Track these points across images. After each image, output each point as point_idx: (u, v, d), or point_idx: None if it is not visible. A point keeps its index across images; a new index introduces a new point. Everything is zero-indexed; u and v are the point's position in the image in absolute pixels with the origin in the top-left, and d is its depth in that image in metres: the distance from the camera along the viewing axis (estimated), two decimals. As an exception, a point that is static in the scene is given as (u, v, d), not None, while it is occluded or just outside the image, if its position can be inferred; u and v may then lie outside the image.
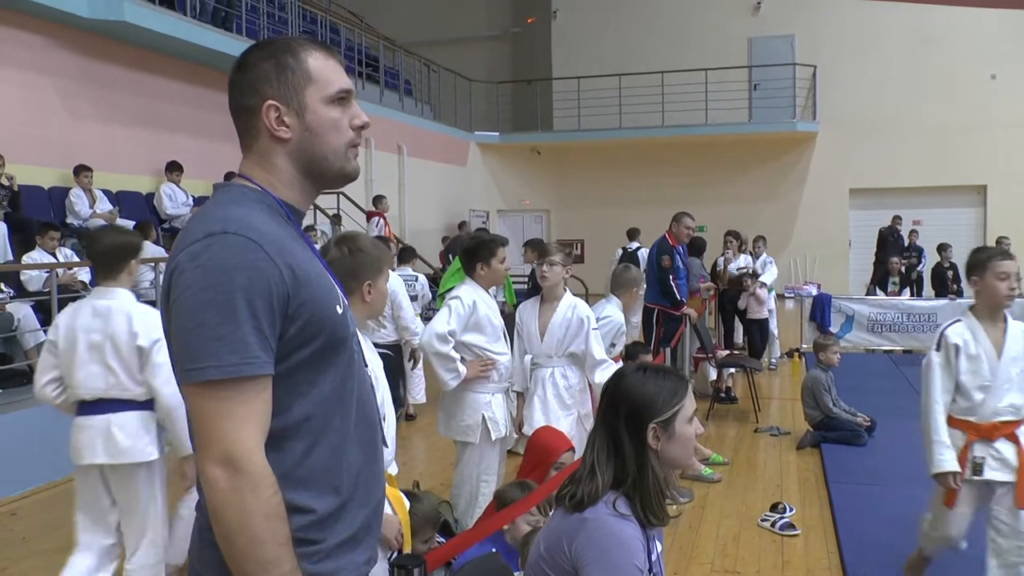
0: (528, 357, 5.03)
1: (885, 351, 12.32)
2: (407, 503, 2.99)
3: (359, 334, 2.87)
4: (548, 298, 5.01)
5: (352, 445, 1.67)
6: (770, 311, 11.17)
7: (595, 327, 4.97)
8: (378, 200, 13.87)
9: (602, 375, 4.83)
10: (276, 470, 1.53)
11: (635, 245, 13.61)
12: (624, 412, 2.23)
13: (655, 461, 2.22)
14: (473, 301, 4.53)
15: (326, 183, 1.77)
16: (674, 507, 2.37)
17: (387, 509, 2.81)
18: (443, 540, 3.55)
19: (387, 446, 1.88)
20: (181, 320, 1.49)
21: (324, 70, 1.70)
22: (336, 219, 13.18)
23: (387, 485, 2.89)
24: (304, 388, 1.59)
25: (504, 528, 3.42)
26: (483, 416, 4.57)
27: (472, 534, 3.06)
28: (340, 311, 1.65)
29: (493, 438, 4.60)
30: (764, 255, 11.68)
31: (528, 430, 4.84)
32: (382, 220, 13.50)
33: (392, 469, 3.01)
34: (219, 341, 1.46)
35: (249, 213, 1.57)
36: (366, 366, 1.84)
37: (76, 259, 8.45)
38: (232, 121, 1.73)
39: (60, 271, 7.63)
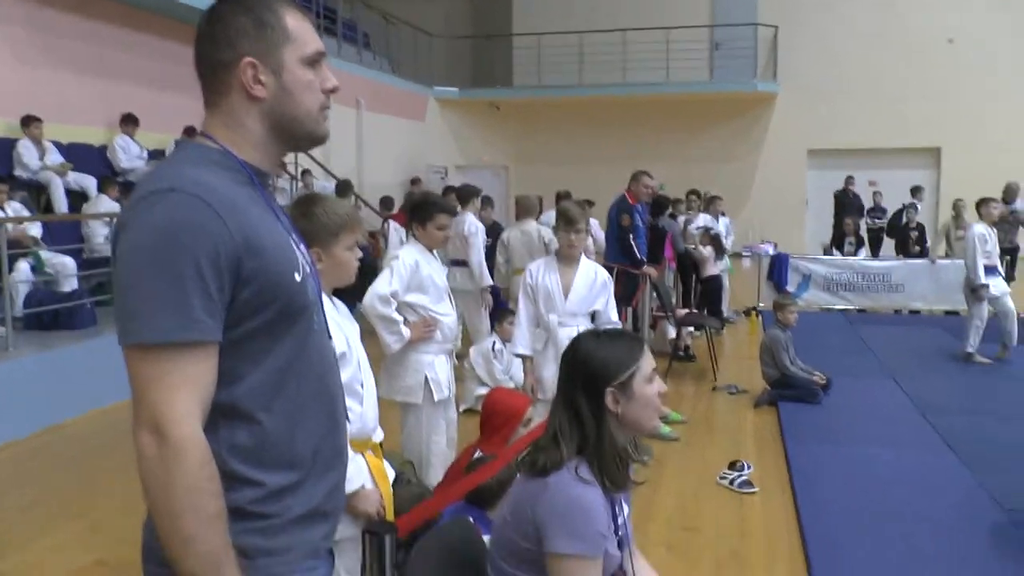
0: (554, 317, 4.99)
1: (841, 310, 12.52)
2: (391, 474, 2.95)
3: (330, 301, 2.84)
4: (567, 261, 5.04)
5: (310, 418, 1.62)
6: (723, 271, 11.40)
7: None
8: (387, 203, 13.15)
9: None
10: (224, 442, 1.49)
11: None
12: (581, 379, 2.22)
13: (615, 425, 2.21)
14: (415, 261, 4.46)
15: (295, 145, 1.72)
16: (638, 470, 2.38)
17: (369, 482, 2.79)
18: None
19: (348, 420, 1.84)
20: (122, 279, 1.44)
21: (301, 30, 1.64)
22: (306, 175, 13.07)
23: (372, 455, 2.88)
24: (258, 356, 1.53)
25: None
26: (425, 377, 4.51)
27: (440, 499, 3.05)
28: (299, 279, 1.59)
29: (436, 399, 4.55)
30: (722, 217, 11.87)
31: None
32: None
33: (377, 436, 2.95)
34: (157, 302, 1.40)
35: (202, 172, 1.51)
36: (329, 337, 1.77)
37: (26, 213, 8.25)
38: (194, 73, 1.66)
39: (10, 226, 7.45)
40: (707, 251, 10.37)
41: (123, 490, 5.42)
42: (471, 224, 8.38)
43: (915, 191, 13.98)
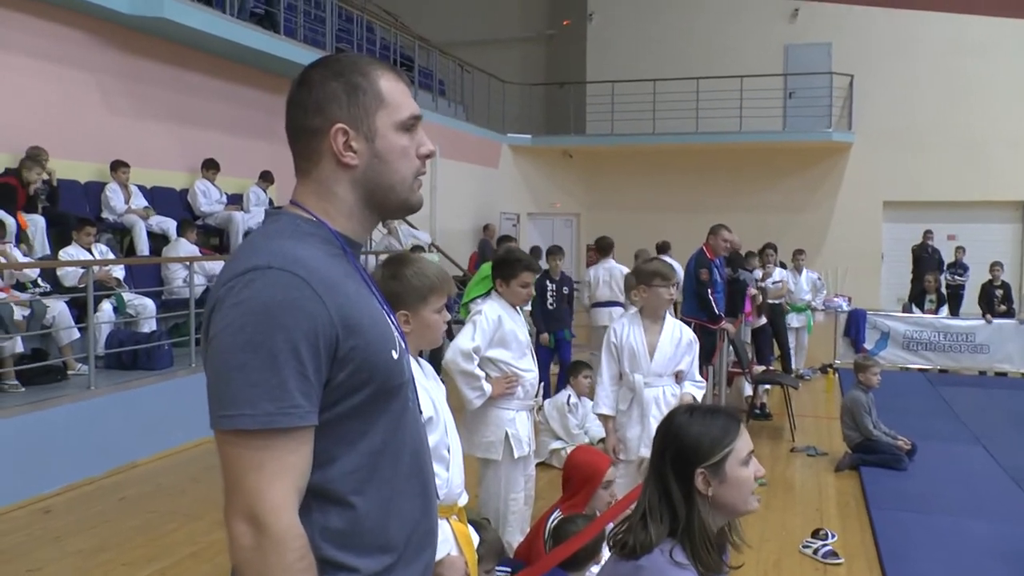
0: (639, 377, 4.87)
1: (920, 370, 12.13)
2: (476, 538, 2.88)
3: (417, 363, 2.78)
4: (652, 318, 4.91)
5: (403, 500, 1.55)
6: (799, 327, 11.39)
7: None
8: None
9: (693, 389, 4.93)
10: (317, 525, 1.43)
11: None
12: (670, 456, 2.11)
13: (704, 508, 2.09)
14: (498, 316, 4.41)
15: (388, 214, 1.66)
16: (733, 555, 2.26)
17: (455, 549, 2.72)
18: (502, 568, 3.47)
19: (439, 497, 1.78)
20: (217, 361, 1.38)
21: (395, 93, 1.58)
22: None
23: (457, 521, 2.81)
24: (353, 438, 1.47)
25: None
26: (506, 433, 4.45)
27: (533, 571, 2.96)
28: (396, 356, 1.52)
29: (516, 456, 4.48)
30: (806, 271, 11.78)
31: (645, 451, 4.66)
32: None
33: (462, 500, 2.89)
34: (255, 387, 1.34)
35: (298, 246, 1.44)
36: (420, 412, 1.71)
37: (111, 255, 8.45)
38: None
39: (95, 268, 7.62)
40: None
41: (194, 536, 5.44)
42: (624, 269, 9.90)
43: None
